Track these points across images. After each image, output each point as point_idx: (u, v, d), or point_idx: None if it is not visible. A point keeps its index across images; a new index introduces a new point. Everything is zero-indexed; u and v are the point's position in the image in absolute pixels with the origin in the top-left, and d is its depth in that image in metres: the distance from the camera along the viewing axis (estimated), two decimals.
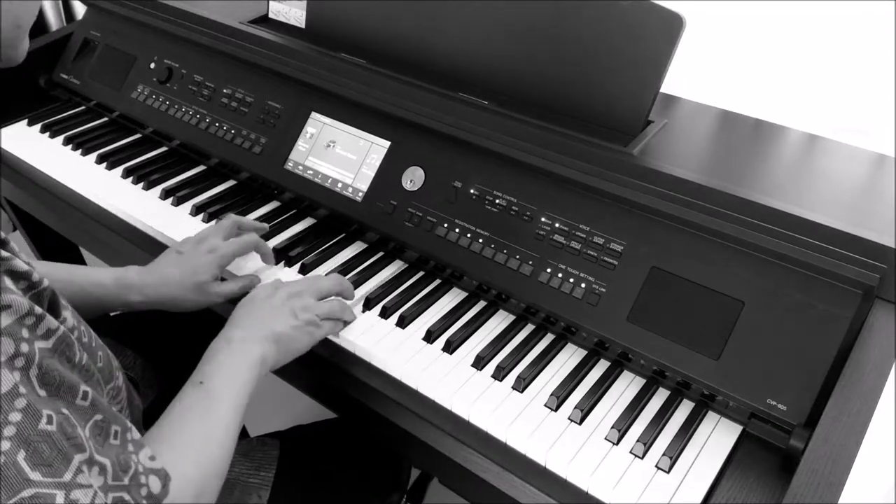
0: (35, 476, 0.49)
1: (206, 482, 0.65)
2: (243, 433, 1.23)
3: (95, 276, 0.88)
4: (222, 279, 0.95)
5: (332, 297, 0.89)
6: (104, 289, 0.87)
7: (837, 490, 0.65)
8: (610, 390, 0.85)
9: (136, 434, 0.58)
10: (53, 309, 0.57)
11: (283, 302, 0.82)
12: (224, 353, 0.75)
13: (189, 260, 0.90)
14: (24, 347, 0.50)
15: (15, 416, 0.49)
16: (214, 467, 0.66)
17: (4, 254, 0.52)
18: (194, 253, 0.91)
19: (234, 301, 0.91)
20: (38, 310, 0.52)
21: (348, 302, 0.92)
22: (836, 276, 0.77)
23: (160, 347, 1.07)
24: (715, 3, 1.22)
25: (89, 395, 0.55)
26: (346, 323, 0.89)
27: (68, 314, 0.60)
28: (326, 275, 0.94)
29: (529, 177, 0.94)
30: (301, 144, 1.11)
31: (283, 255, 1.02)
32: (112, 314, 1.05)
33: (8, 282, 0.51)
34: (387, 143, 1.05)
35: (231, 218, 0.98)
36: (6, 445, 0.48)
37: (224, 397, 0.71)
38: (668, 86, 0.98)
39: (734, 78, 1.26)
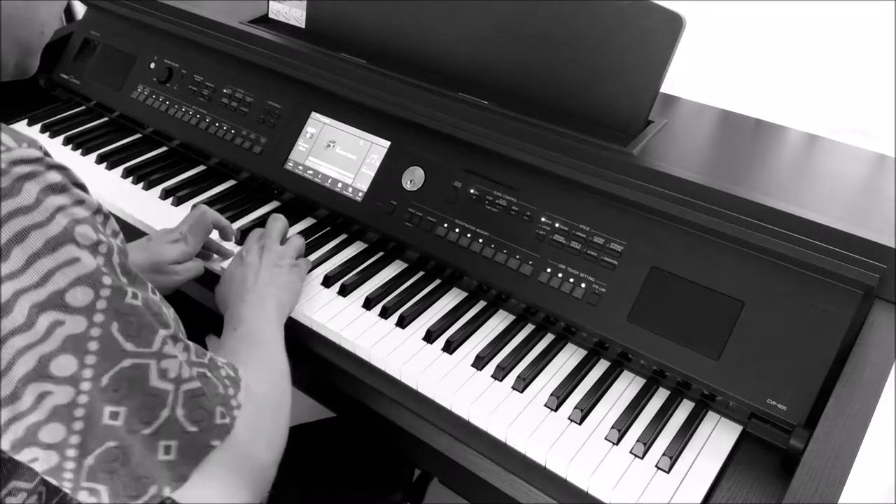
0: (129, 346, 0.53)
1: (279, 398, 0.69)
2: None
3: None
4: None
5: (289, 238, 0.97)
6: None
7: (837, 490, 0.65)
8: (610, 390, 0.85)
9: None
10: None
11: (259, 261, 0.89)
12: (244, 309, 0.81)
13: (155, 245, 0.94)
14: (103, 237, 0.54)
15: (105, 292, 0.53)
16: (278, 384, 0.71)
17: (67, 166, 0.56)
18: (161, 240, 0.95)
19: (199, 281, 0.96)
20: (106, 209, 0.57)
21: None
22: (836, 276, 0.77)
23: None
24: (715, 3, 1.22)
25: (157, 291, 0.59)
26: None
27: None
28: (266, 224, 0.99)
29: (529, 177, 0.94)
30: (301, 144, 1.11)
31: None
32: None
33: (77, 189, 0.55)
34: (387, 143, 1.05)
35: (205, 211, 1.01)
36: (101, 318, 0.52)
37: (263, 332, 0.77)
38: (668, 86, 0.98)
39: (734, 78, 1.25)
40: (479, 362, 0.86)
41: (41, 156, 0.52)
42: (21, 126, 1.32)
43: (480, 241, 0.95)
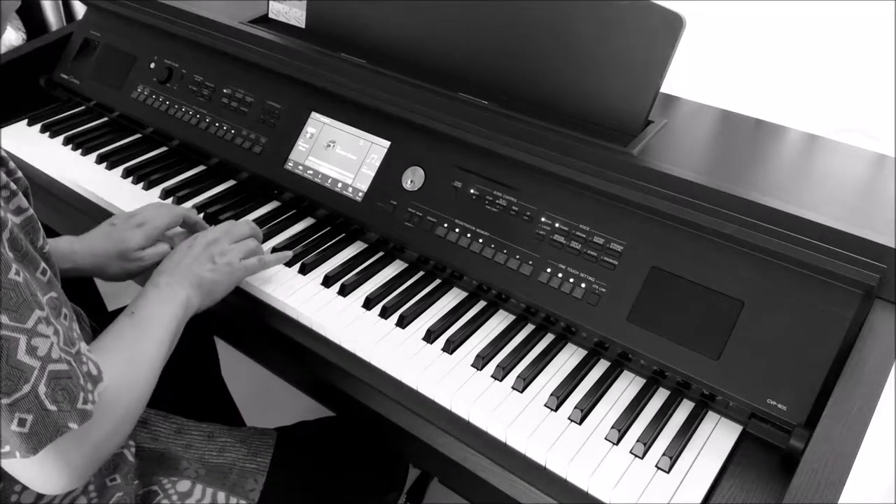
0: (3, 318, 0.55)
1: (129, 400, 0.69)
2: (241, 422, 1.23)
3: None
4: None
5: (248, 240, 0.94)
6: None
7: (837, 490, 0.65)
8: (610, 390, 0.85)
9: (77, 327, 0.63)
10: (26, 198, 0.63)
11: (202, 250, 0.89)
12: (153, 293, 0.81)
13: (119, 232, 0.95)
14: (1, 213, 0.56)
15: None
16: (139, 387, 0.71)
17: None
18: (125, 226, 0.96)
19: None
20: (13, 186, 0.58)
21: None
22: (836, 276, 0.77)
23: None
24: (715, 3, 1.23)
25: (48, 272, 0.61)
26: (263, 265, 0.95)
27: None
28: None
29: (530, 177, 0.94)
30: (301, 144, 1.11)
31: None
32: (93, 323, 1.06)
33: None
34: (387, 143, 1.05)
35: (181, 209, 1.02)
36: None
37: (154, 326, 0.77)
38: (668, 86, 0.98)
39: (734, 78, 1.26)
40: (479, 362, 0.86)
41: None
42: (21, 126, 1.32)
43: (480, 241, 0.95)
